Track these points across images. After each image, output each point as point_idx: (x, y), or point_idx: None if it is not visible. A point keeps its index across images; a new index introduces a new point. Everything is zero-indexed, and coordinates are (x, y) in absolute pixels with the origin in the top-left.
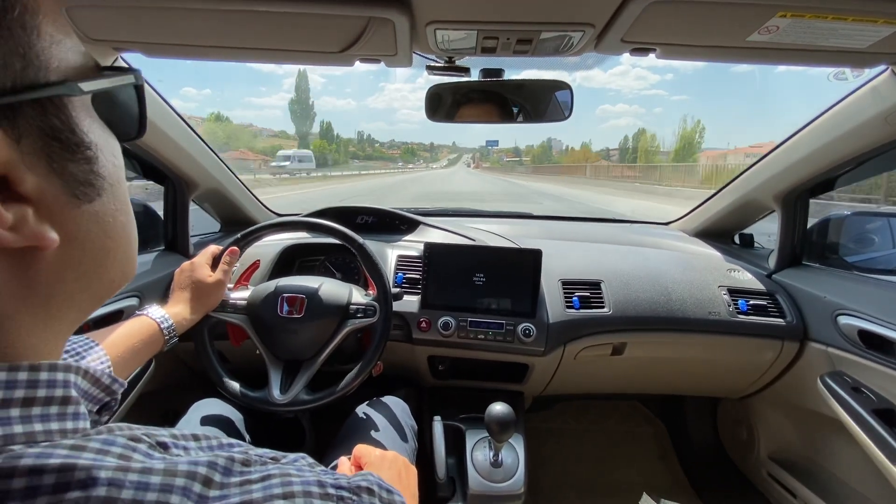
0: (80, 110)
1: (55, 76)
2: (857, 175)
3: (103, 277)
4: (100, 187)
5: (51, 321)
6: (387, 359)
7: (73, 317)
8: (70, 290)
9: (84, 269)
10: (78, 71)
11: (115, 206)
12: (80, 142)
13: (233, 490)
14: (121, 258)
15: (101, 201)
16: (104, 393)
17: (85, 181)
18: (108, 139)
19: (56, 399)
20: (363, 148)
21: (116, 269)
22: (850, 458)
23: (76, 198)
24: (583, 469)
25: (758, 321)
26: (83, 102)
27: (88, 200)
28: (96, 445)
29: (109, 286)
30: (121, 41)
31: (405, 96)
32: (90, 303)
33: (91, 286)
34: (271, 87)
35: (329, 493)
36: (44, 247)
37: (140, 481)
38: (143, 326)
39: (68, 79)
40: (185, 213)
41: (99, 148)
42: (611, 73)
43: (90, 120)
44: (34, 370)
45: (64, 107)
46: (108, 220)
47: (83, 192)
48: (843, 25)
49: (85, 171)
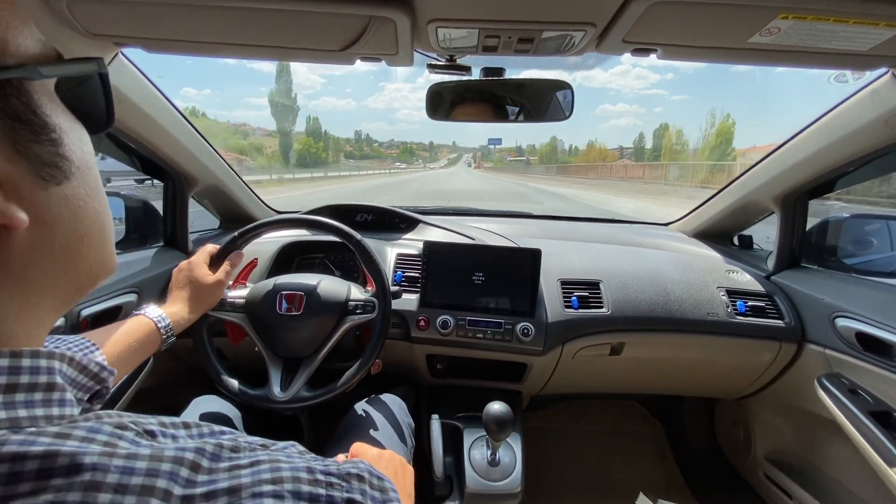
0: (41, 94)
1: (12, 60)
2: (857, 177)
3: (80, 265)
4: (67, 170)
5: (29, 307)
6: (385, 357)
7: (52, 304)
8: (45, 274)
9: (57, 253)
10: (37, 57)
11: (86, 192)
12: (43, 124)
13: (221, 475)
14: (95, 245)
15: (70, 185)
16: (93, 381)
17: (51, 163)
18: (73, 125)
19: (40, 385)
20: (360, 147)
21: (92, 256)
22: (846, 460)
23: (42, 179)
24: (580, 468)
25: (756, 322)
26: (44, 87)
27: (56, 182)
28: (81, 433)
29: (88, 274)
30: (121, 36)
31: (405, 96)
32: (69, 291)
33: (68, 272)
34: (271, 87)
35: (318, 478)
36: (12, 226)
37: (125, 466)
38: (140, 326)
39: (26, 63)
40: (184, 209)
41: (63, 131)
42: (611, 73)
43: (53, 105)
44: (16, 356)
45: (24, 89)
46: (79, 203)
47: (49, 173)
48: (845, 28)
49: (50, 153)
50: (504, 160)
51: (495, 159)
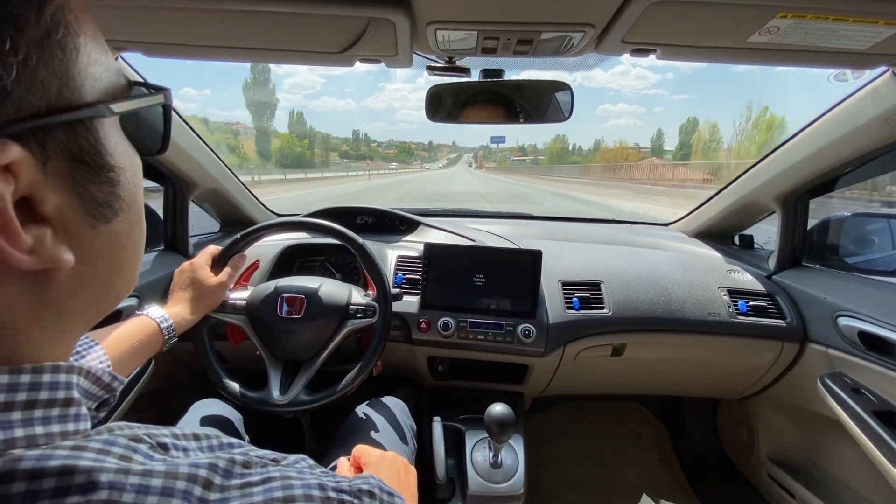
0: (108, 130)
1: (89, 97)
2: (858, 176)
3: (110, 292)
4: (118, 208)
5: (60, 335)
6: (386, 359)
7: (80, 328)
8: (81, 305)
9: (95, 286)
10: (110, 91)
11: (129, 226)
12: (104, 164)
13: (233, 493)
14: (128, 274)
15: (118, 221)
16: (104, 391)
17: (105, 203)
18: (132, 158)
19: (58, 401)
20: (357, 147)
21: (123, 283)
22: (849, 460)
23: (94, 218)
24: (582, 470)
25: (758, 322)
26: (113, 122)
27: (105, 221)
28: (97, 445)
29: (115, 298)
30: (121, 41)
31: (405, 96)
32: (96, 314)
33: (100, 301)
34: (245, 77)
35: (330, 496)
36: (59, 268)
37: (141, 484)
38: (142, 326)
39: (101, 100)
40: (184, 212)
41: (123, 171)
42: (611, 73)
43: (117, 139)
44: (37, 372)
45: (94, 129)
46: (122, 239)
47: (101, 213)
48: (844, 27)
49: (106, 193)
50: (507, 160)
51: (498, 159)
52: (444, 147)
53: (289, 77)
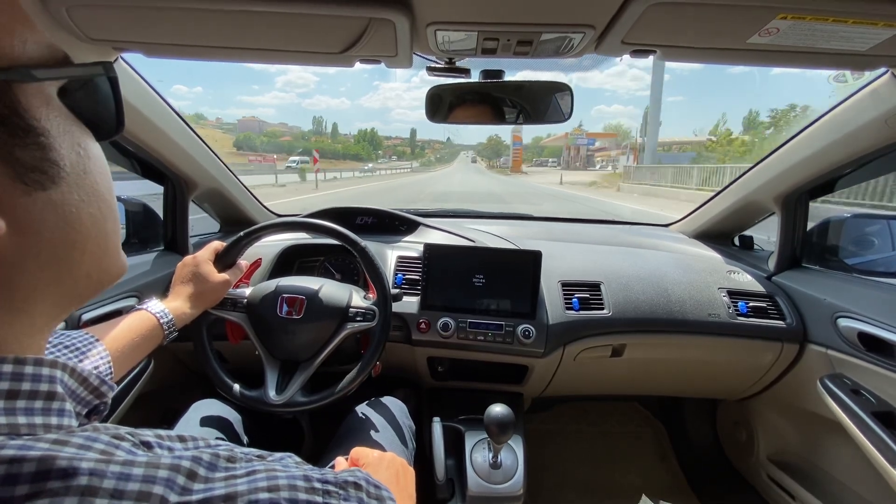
0: (32, 97)
1: (3, 63)
2: (858, 177)
3: (75, 271)
4: (55, 175)
5: (17, 314)
6: (386, 360)
7: (46, 310)
8: (34, 281)
9: (46, 260)
10: (34, 60)
11: (80, 197)
12: (28, 126)
13: (217, 483)
14: (93, 251)
15: (60, 190)
16: (92, 395)
17: (35, 168)
18: (71, 129)
19: (41, 394)
20: (409, 144)
21: (89, 263)
22: (849, 461)
23: (25, 184)
24: (582, 470)
25: (757, 323)
26: (40, 90)
27: (42, 188)
28: (79, 441)
29: (87, 282)
30: (121, 41)
31: (400, 95)
32: (66, 298)
33: (61, 279)
34: (264, 86)
35: (315, 486)
36: None
37: (122, 472)
38: (142, 321)
39: (19, 65)
40: (184, 213)
41: (53, 136)
42: (607, 74)
43: (46, 108)
44: (19, 363)
45: (11, 92)
46: (70, 209)
47: (33, 178)
48: (844, 28)
49: (35, 158)
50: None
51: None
52: (435, 142)
53: (280, 75)
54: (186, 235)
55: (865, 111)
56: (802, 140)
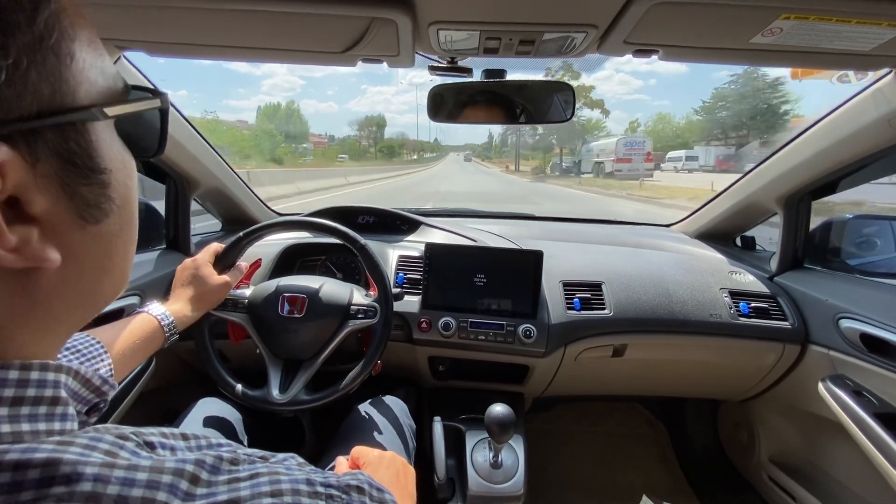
0: (101, 133)
1: (82, 101)
2: (860, 178)
3: (98, 293)
4: (108, 210)
5: (47, 334)
6: (387, 359)
7: (68, 328)
8: (68, 305)
9: (82, 287)
10: (105, 95)
11: (120, 227)
12: (95, 167)
13: (220, 488)
14: (117, 275)
15: (107, 222)
16: (94, 394)
17: (95, 204)
18: (125, 160)
19: (45, 399)
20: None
21: (112, 284)
22: (851, 462)
23: (83, 219)
24: (583, 471)
25: (759, 324)
26: (107, 125)
27: (95, 222)
28: (83, 441)
29: (104, 299)
30: (123, 40)
31: (388, 99)
32: (85, 314)
33: (88, 301)
34: (250, 89)
35: (318, 490)
36: (45, 267)
37: (126, 477)
38: (143, 324)
39: (94, 104)
40: (186, 211)
41: (113, 173)
42: (594, 79)
43: (110, 142)
44: (25, 369)
45: (86, 132)
46: (111, 240)
47: (91, 214)
48: (847, 28)
49: (97, 195)
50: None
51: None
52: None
53: (266, 79)
54: (188, 234)
55: (868, 111)
56: (805, 141)
